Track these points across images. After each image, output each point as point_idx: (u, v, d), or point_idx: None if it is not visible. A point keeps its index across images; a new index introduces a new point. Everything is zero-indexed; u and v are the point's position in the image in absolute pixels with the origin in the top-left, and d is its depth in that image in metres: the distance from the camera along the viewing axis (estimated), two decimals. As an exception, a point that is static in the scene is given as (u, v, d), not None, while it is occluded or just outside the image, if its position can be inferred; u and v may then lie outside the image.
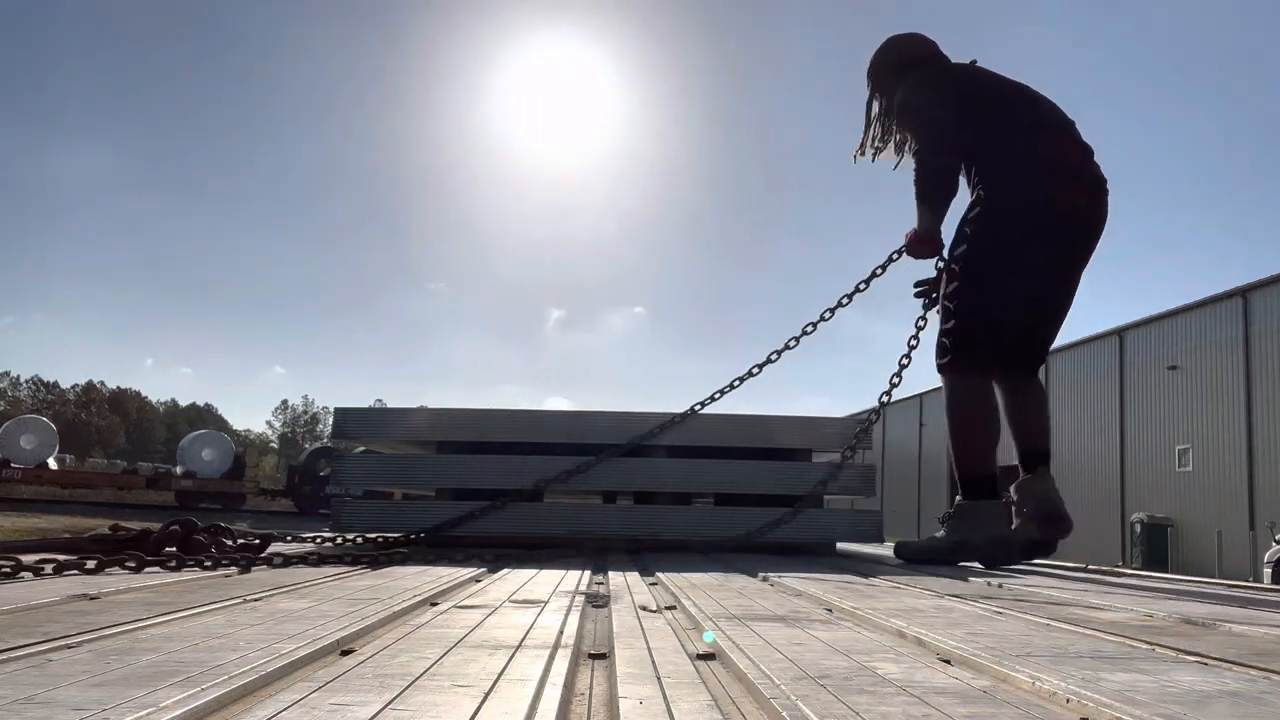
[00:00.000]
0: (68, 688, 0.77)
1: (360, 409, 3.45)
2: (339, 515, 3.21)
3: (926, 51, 3.14)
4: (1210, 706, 0.80)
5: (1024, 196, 2.80)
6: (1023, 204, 2.80)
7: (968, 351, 2.83)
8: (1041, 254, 2.81)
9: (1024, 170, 2.83)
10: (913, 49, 3.15)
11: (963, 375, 2.85)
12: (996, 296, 2.82)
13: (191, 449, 25.90)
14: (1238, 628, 1.35)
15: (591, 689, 0.91)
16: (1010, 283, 2.81)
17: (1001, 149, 2.87)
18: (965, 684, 0.88)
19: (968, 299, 2.81)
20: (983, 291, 2.81)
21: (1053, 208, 2.79)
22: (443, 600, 1.50)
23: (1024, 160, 2.84)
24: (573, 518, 3.23)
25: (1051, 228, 2.81)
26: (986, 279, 2.80)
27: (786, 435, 3.35)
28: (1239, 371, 21.68)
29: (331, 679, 0.84)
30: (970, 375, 2.84)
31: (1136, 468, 24.85)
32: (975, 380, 2.85)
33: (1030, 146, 2.86)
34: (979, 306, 2.81)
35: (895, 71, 3.10)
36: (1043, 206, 2.79)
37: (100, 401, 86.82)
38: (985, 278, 2.80)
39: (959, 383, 2.86)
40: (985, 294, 2.81)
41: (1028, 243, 2.79)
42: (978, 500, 2.85)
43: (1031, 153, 2.85)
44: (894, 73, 3.10)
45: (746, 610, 1.44)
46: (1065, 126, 2.92)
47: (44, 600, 1.34)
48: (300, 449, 52.54)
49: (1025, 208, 2.80)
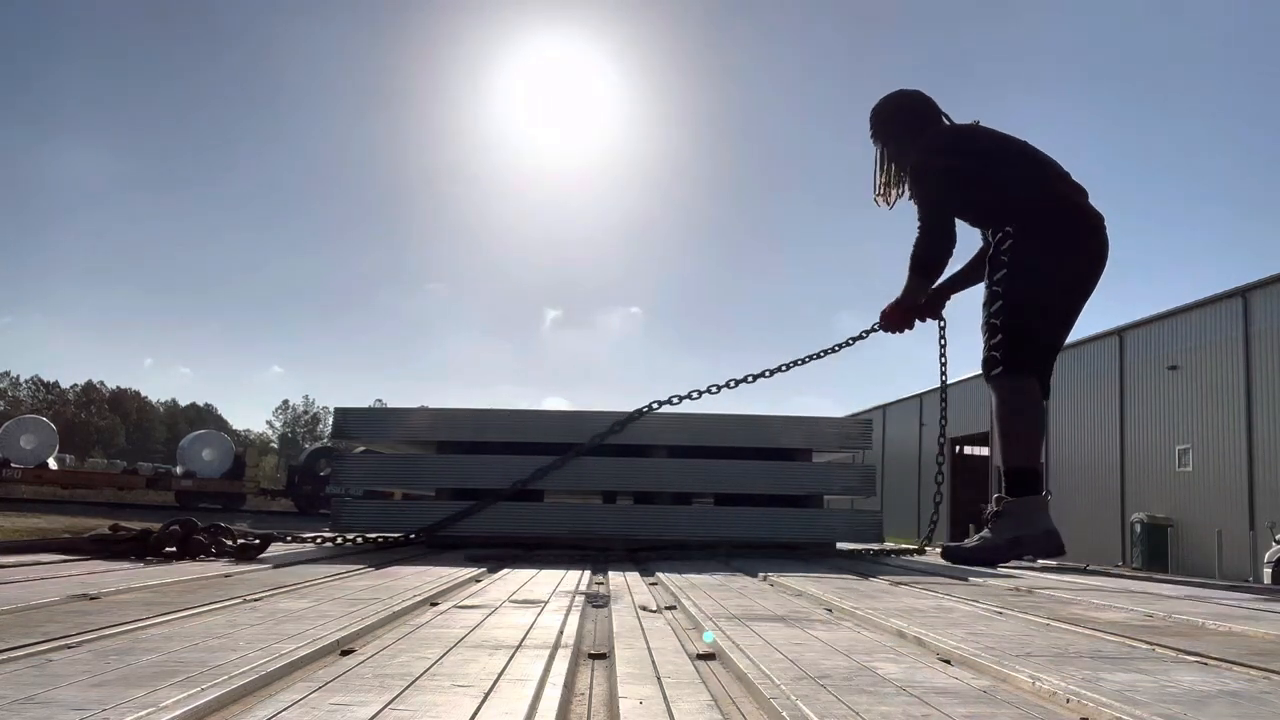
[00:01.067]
0: (68, 688, 0.77)
1: (360, 409, 3.44)
2: (339, 515, 3.20)
3: (929, 111, 3.41)
4: (1210, 706, 0.80)
5: (1053, 230, 3.11)
6: (1053, 237, 3.10)
7: (1018, 360, 3.07)
8: (1068, 278, 3.13)
9: (1050, 209, 3.13)
10: (916, 108, 3.42)
11: (1015, 380, 3.07)
12: (1035, 313, 3.11)
13: (191, 449, 25.91)
14: (1238, 628, 1.35)
15: (591, 689, 0.91)
16: (1044, 302, 3.12)
17: (1025, 193, 3.16)
18: (965, 684, 0.88)
19: (1013, 316, 3.08)
20: (1026, 309, 3.08)
21: (1076, 241, 3.12)
22: (443, 600, 1.50)
23: (1048, 201, 3.14)
24: (573, 518, 3.23)
25: (1075, 257, 3.12)
26: (1026, 298, 3.08)
27: (786, 435, 3.35)
28: (1239, 371, 21.66)
29: (331, 679, 0.84)
30: (1021, 379, 3.07)
31: (1136, 468, 24.84)
32: (1027, 384, 3.07)
33: (1051, 188, 3.16)
34: (1024, 322, 3.08)
35: (900, 125, 3.40)
36: (1068, 239, 3.11)
37: (100, 401, 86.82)
38: (1025, 298, 3.08)
39: (1014, 386, 3.08)
40: (1027, 311, 3.09)
41: (1059, 268, 3.10)
42: (1025, 496, 2.98)
43: (1054, 193, 3.15)
44: (898, 125, 3.40)
45: (746, 610, 1.44)
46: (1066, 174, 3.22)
47: (44, 600, 1.34)
48: (300, 449, 52.53)
49: (1055, 240, 3.10)
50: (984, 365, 3.12)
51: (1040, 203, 3.13)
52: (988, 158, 3.25)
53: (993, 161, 3.24)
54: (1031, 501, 2.97)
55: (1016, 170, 3.21)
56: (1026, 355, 3.06)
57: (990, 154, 3.26)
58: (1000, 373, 3.07)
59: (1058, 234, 3.09)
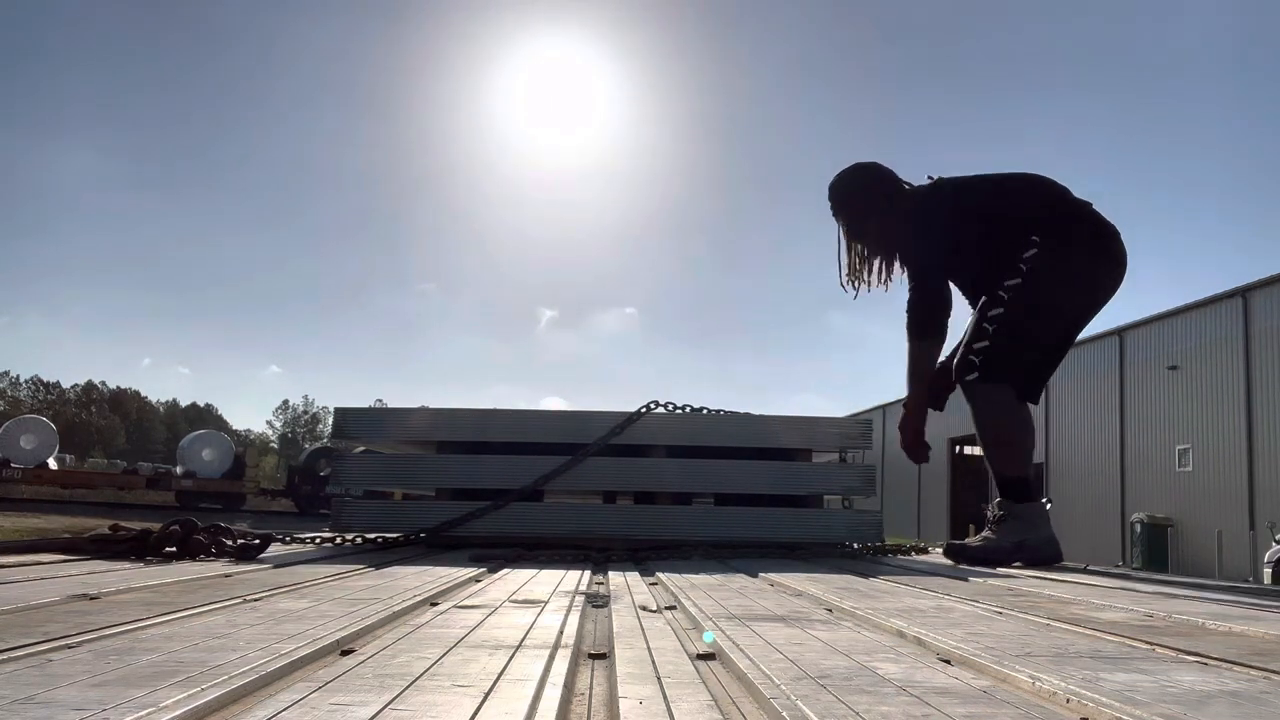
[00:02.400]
0: (68, 688, 0.77)
1: (360, 409, 3.44)
2: (339, 515, 3.20)
3: (892, 180, 3.27)
4: (1210, 706, 0.80)
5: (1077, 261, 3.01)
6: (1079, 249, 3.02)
7: (1000, 367, 3.01)
8: (1074, 308, 3.07)
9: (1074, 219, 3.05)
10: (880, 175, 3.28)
11: (996, 386, 3.02)
12: (1034, 333, 3.05)
13: (191, 449, 25.90)
14: (1238, 627, 1.35)
15: (591, 689, 0.91)
16: (1044, 324, 3.06)
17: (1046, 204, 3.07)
18: (965, 684, 0.88)
19: (1011, 330, 3.00)
20: (1023, 324, 3.01)
21: (1095, 273, 3.05)
22: (443, 600, 1.50)
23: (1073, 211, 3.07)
24: (573, 518, 3.23)
25: (1088, 289, 3.06)
26: (1030, 316, 3.01)
27: (786, 435, 3.35)
28: (1239, 371, 21.66)
29: (331, 679, 0.84)
30: (996, 386, 3.02)
31: (1136, 468, 24.84)
32: (1003, 390, 3.02)
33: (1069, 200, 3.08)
34: (1016, 336, 3.01)
35: (862, 198, 3.26)
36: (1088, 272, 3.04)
37: (100, 401, 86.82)
38: (1030, 315, 3.01)
39: (994, 393, 3.03)
40: (1027, 329, 3.02)
41: (1070, 297, 3.04)
42: (1024, 503, 3.00)
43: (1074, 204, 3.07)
44: (859, 199, 3.27)
45: (746, 610, 1.44)
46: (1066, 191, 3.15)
47: (44, 600, 1.34)
48: (300, 449, 52.53)
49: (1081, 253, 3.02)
50: (960, 366, 3.05)
51: (1067, 212, 3.05)
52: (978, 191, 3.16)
53: (987, 195, 3.15)
54: (1035, 507, 3.00)
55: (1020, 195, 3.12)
56: (1008, 367, 3.00)
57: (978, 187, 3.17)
58: (976, 379, 3.01)
59: (1084, 246, 3.00)
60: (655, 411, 3.29)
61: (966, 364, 3.04)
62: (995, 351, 2.99)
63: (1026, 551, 2.94)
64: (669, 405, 3.33)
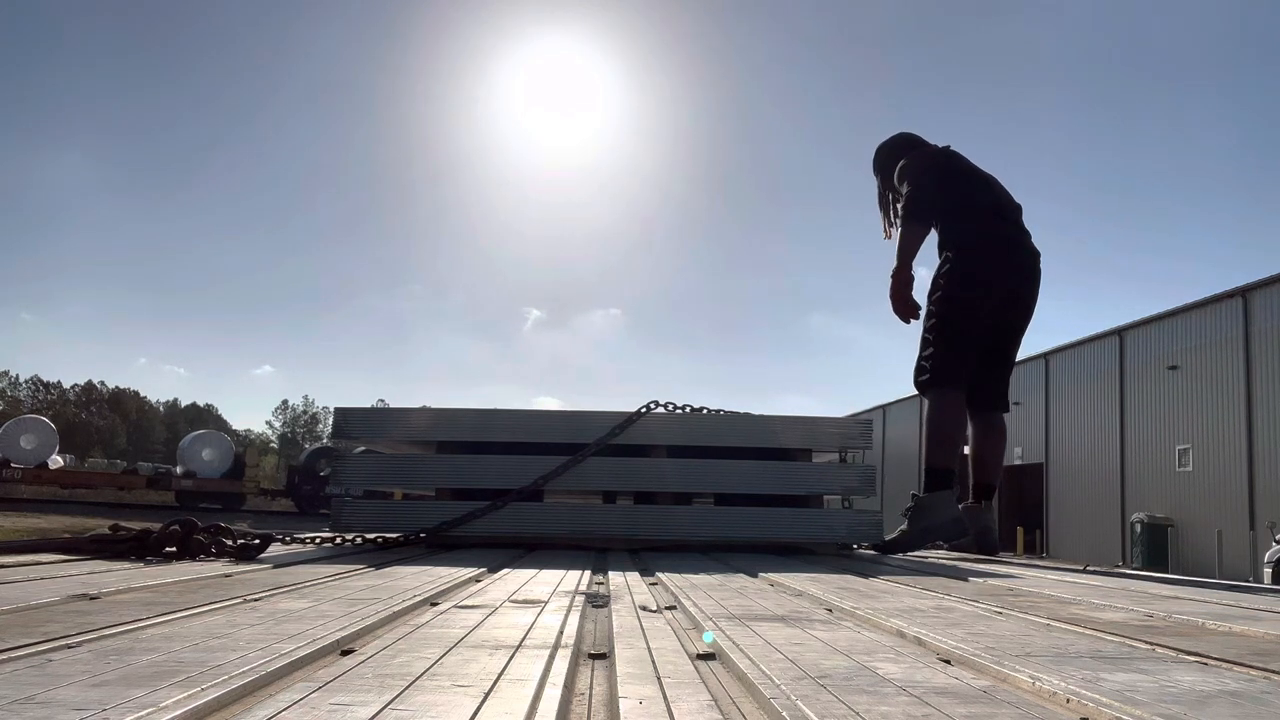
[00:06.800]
0: (68, 688, 0.77)
1: (360, 409, 3.44)
2: (339, 515, 3.20)
3: (915, 140, 3.88)
4: (1210, 706, 0.80)
5: (983, 259, 3.51)
6: (982, 265, 3.51)
7: (945, 371, 3.43)
8: (994, 304, 3.49)
9: (985, 239, 3.54)
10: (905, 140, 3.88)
11: (941, 389, 3.43)
12: (962, 332, 3.45)
13: (191, 449, 25.92)
14: (1238, 627, 1.35)
15: (591, 689, 0.91)
16: (972, 322, 3.47)
17: (969, 220, 3.55)
18: (965, 684, 0.88)
19: (942, 331, 3.44)
20: (953, 326, 3.44)
21: (1004, 270, 3.52)
22: (443, 600, 1.50)
23: (985, 232, 3.54)
24: (573, 518, 3.23)
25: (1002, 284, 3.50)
26: (955, 318, 3.45)
27: (787, 435, 3.35)
28: (1239, 371, 21.65)
29: (331, 679, 0.84)
30: (947, 390, 3.42)
31: (1136, 468, 24.83)
32: (952, 394, 3.43)
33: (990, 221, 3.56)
34: (948, 339, 3.43)
35: (892, 156, 3.80)
36: (998, 267, 3.51)
37: (100, 401, 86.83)
38: (954, 317, 3.45)
39: (938, 395, 3.44)
40: (955, 328, 3.44)
41: (986, 294, 3.48)
42: (934, 492, 3.34)
43: (991, 227, 3.55)
44: (892, 157, 3.81)
45: (746, 610, 1.44)
46: (1016, 209, 3.66)
47: (44, 600, 1.34)
48: (300, 449, 52.52)
49: (984, 268, 3.50)
50: (915, 372, 3.50)
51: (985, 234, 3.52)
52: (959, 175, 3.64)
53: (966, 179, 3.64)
54: (940, 496, 3.32)
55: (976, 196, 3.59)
56: (954, 369, 3.41)
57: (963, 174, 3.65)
58: (927, 381, 3.45)
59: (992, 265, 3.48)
60: (655, 411, 3.29)
61: (919, 369, 3.49)
62: (938, 356, 3.43)
63: (933, 534, 3.30)
64: (669, 405, 3.33)
